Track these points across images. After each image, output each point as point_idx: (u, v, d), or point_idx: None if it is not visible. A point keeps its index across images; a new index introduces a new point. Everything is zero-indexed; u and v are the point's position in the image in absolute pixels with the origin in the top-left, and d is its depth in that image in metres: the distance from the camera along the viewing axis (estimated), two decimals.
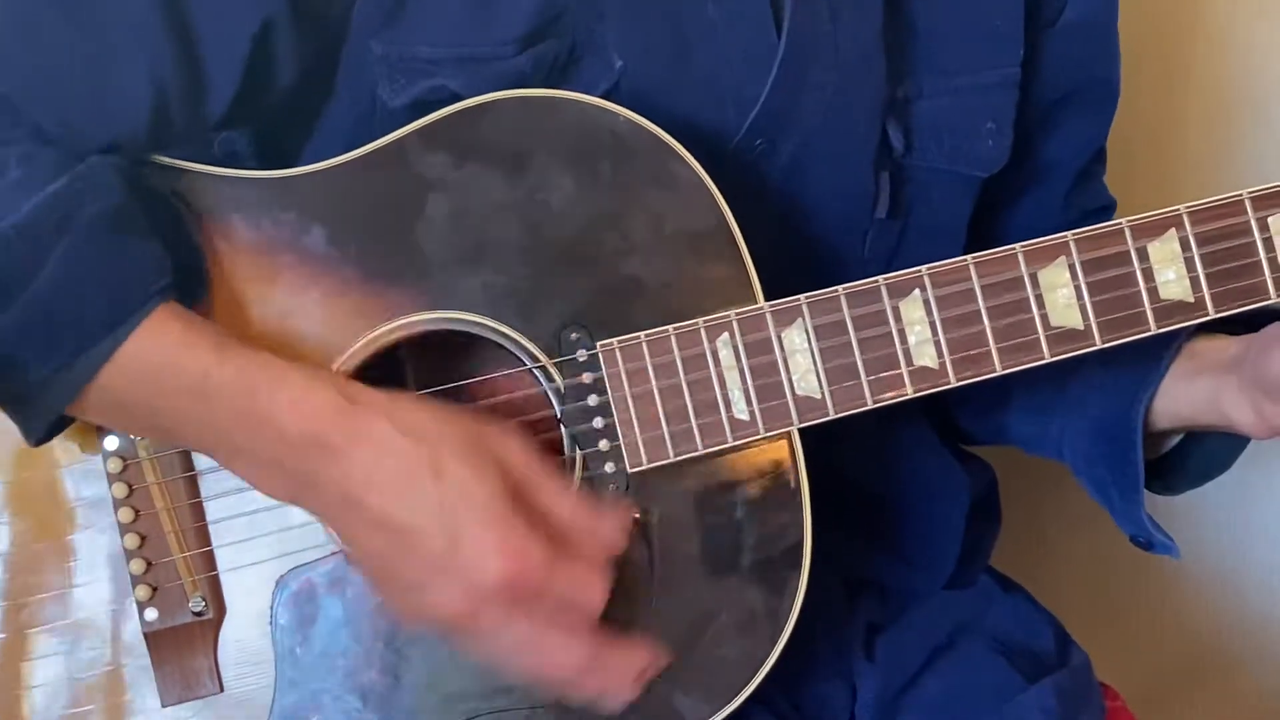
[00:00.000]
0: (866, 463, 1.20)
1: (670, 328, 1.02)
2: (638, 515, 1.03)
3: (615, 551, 0.95)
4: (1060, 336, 1.04)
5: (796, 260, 1.12)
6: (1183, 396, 1.13)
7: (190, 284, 1.00)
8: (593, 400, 1.03)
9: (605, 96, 1.04)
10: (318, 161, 1.05)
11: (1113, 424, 1.15)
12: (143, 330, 0.94)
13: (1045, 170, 1.24)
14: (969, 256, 1.04)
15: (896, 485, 1.24)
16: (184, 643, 1.04)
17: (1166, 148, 1.56)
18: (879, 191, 1.14)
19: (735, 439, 1.03)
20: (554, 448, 1.04)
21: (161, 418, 0.97)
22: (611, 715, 1.00)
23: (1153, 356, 1.13)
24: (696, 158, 1.03)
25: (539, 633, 0.93)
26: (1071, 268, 1.04)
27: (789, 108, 1.09)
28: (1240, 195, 1.04)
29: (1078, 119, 1.24)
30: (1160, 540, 1.17)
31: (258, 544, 1.04)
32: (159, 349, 0.94)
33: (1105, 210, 1.29)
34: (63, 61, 0.99)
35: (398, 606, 0.98)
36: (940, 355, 1.03)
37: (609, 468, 1.03)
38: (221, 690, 1.05)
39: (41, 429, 0.97)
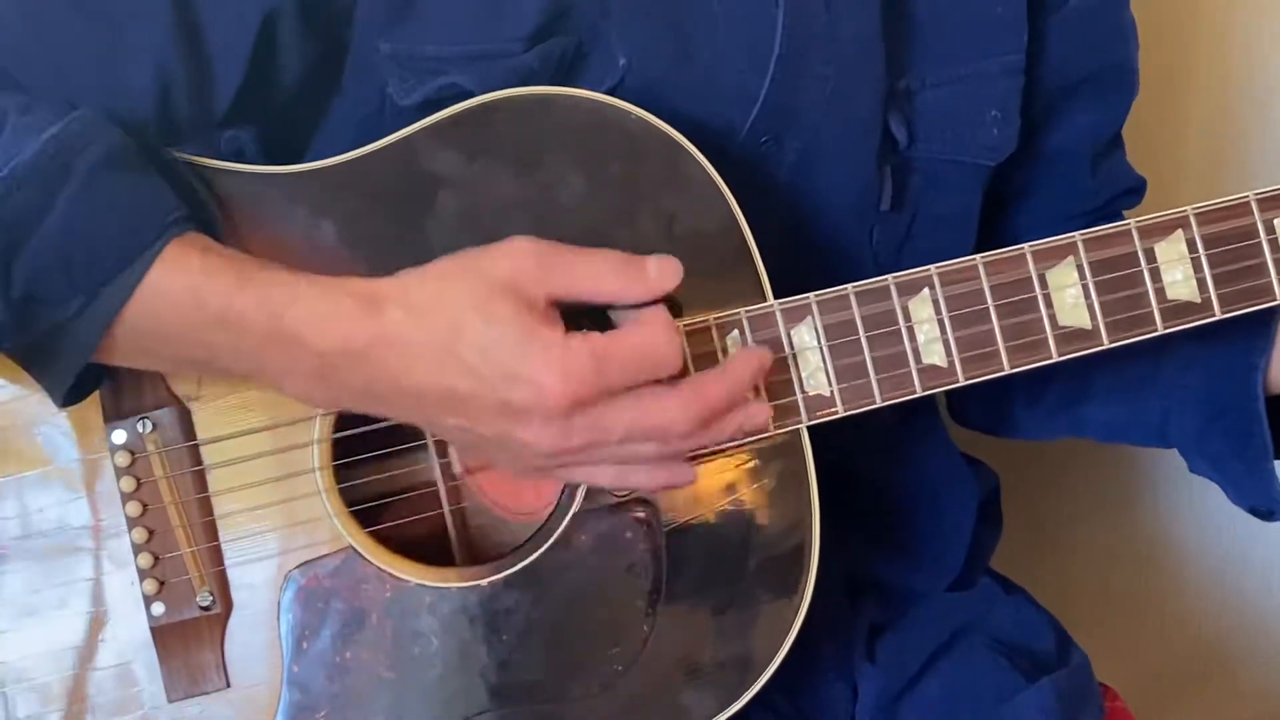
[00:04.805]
0: (879, 461, 1.20)
1: (680, 324, 1.02)
2: (643, 515, 1.03)
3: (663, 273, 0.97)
4: (1068, 336, 1.04)
5: (805, 256, 1.12)
6: None
7: None
8: None
9: (610, 94, 1.04)
10: (325, 159, 1.04)
11: (1226, 395, 1.15)
12: (163, 262, 0.94)
13: (1058, 159, 1.24)
14: (978, 256, 1.04)
15: (908, 485, 1.24)
16: (191, 637, 1.04)
17: (1166, 148, 1.56)
18: (882, 184, 1.14)
19: (745, 436, 1.03)
20: None
21: (196, 349, 0.97)
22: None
23: (1258, 323, 1.12)
24: (704, 155, 1.03)
25: (640, 400, 0.95)
26: (1079, 268, 1.04)
27: (790, 102, 1.09)
28: (1247, 197, 1.05)
29: (1089, 106, 1.23)
30: None
31: (266, 539, 1.04)
32: (181, 280, 0.94)
33: (1134, 193, 1.28)
34: (68, 48, 0.99)
35: (504, 464, 1.01)
36: (949, 354, 1.04)
37: None
38: (228, 685, 1.04)
39: (70, 378, 0.97)
